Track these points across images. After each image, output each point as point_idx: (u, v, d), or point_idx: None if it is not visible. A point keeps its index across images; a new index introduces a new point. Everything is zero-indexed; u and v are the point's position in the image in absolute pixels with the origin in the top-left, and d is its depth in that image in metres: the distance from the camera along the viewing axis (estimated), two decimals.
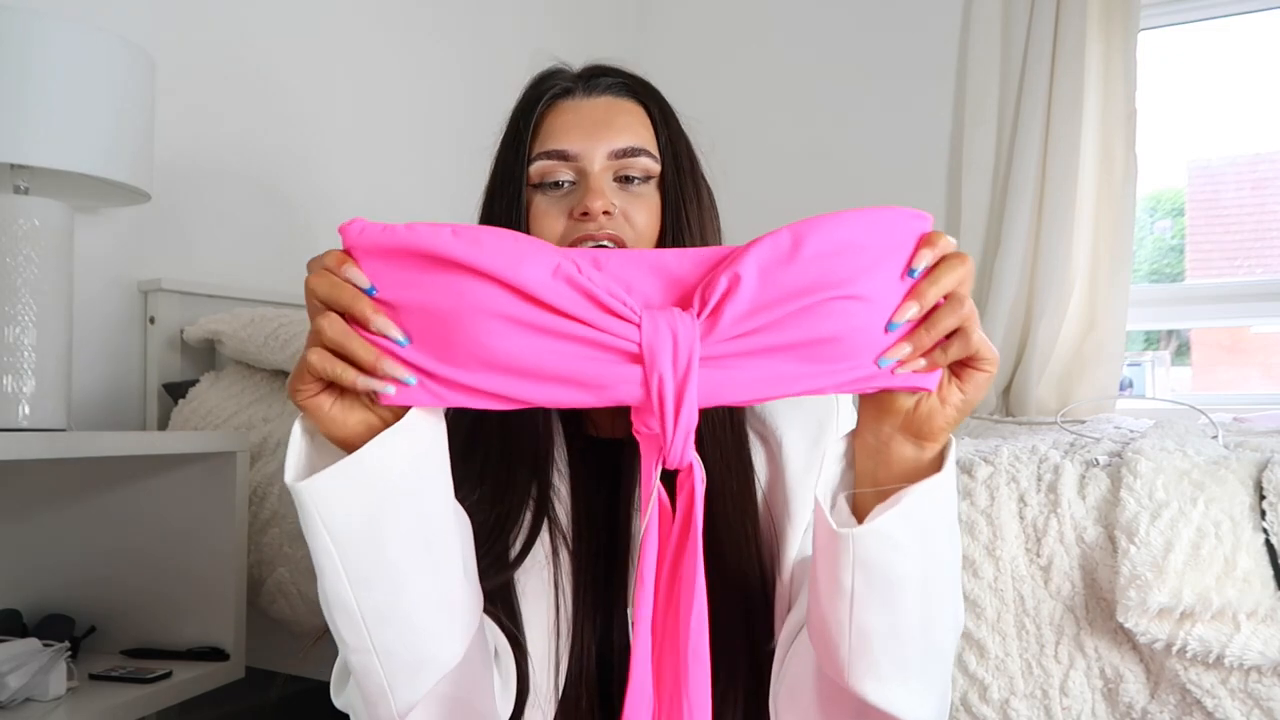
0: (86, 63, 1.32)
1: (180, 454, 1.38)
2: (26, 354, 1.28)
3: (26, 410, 1.28)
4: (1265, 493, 0.97)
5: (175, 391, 1.71)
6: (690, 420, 0.56)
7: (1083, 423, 1.70)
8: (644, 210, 0.82)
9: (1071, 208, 2.39)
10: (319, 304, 0.58)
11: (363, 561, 0.60)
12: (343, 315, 0.57)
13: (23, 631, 1.36)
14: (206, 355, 1.80)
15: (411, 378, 0.57)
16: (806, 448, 0.83)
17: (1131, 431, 1.38)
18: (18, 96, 1.26)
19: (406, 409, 0.59)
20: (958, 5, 2.69)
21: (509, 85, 0.91)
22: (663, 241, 0.83)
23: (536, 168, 0.82)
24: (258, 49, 1.97)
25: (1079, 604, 1.02)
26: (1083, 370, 2.41)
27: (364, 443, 0.58)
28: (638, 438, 0.58)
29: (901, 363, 0.59)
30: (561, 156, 0.82)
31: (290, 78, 2.04)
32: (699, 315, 0.57)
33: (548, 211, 0.81)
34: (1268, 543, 0.94)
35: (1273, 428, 1.50)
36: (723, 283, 0.57)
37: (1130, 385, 2.67)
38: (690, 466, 0.58)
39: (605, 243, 0.79)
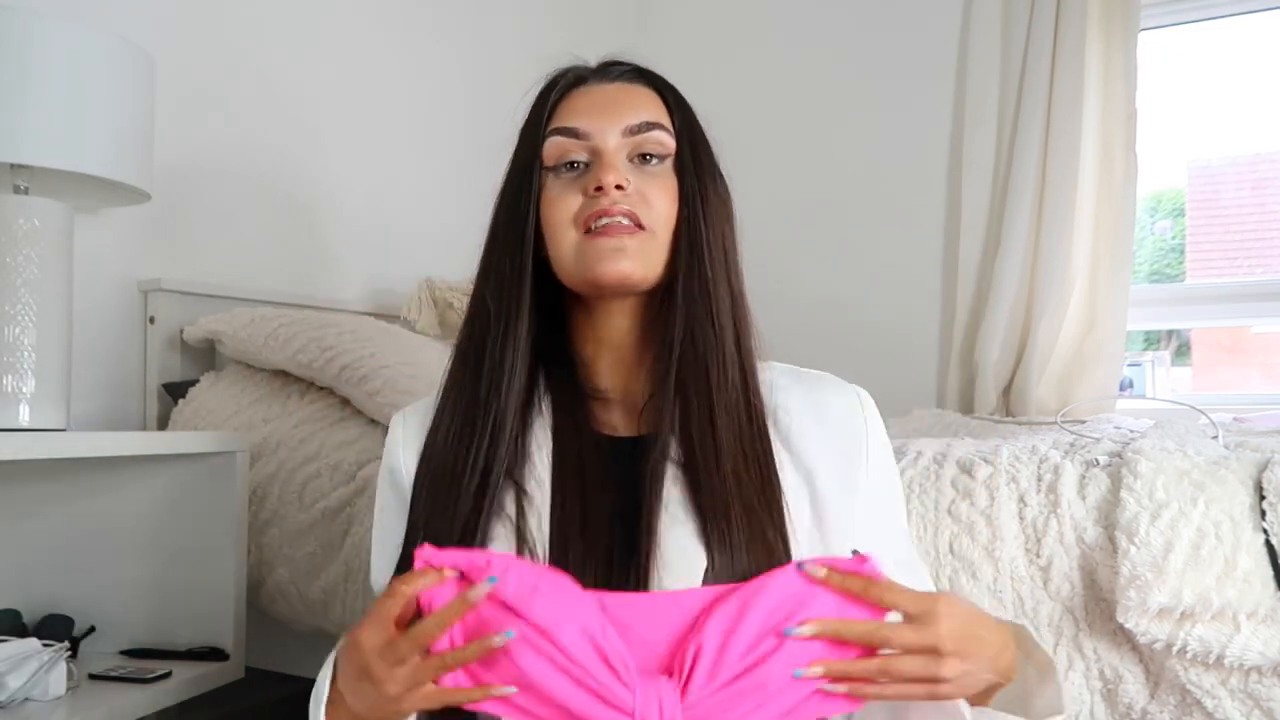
0: (86, 63, 1.32)
1: (180, 454, 1.38)
2: (26, 354, 1.28)
3: (26, 410, 1.28)
4: (1265, 493, 0.96)
5: (175, 391, 1.71)
6: None
7: (1083, 423, 1.70)
8: (661, 192, 0.81)
9: (1071, 208, 2.39)
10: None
11: None
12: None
13: (22, 631, 1.36)
14: (206, 355, 1.80)
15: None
16: (840, 473, 0.80)
17: (1131, 432, 1.38)
18: (18, 96, 1.26)
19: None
20: (958, 5, 2.69)
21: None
22: (680, 231, 0.81)
23: (550, 145, 0.81)
24: (258, 49, 1.97)
25: (1078, 605, 1.02)
26: (1083, 370, 2.41)
27: None
28: None
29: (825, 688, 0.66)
30: (574, 134, 0.81)
31: (290, 77, 2.04)
32: (680, 680, 0.65)
33: (561, 194, 0.81)
34: (1268, 543, 0.94)
35: (1273, 428, 1.50)
36: (690, 650, 0.66)
37: (1130, 385, 2.67)
38: None
39: (620, 218, 0.78)
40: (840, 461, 0.81)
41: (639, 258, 0.79)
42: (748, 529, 0.74)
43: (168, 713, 1.33)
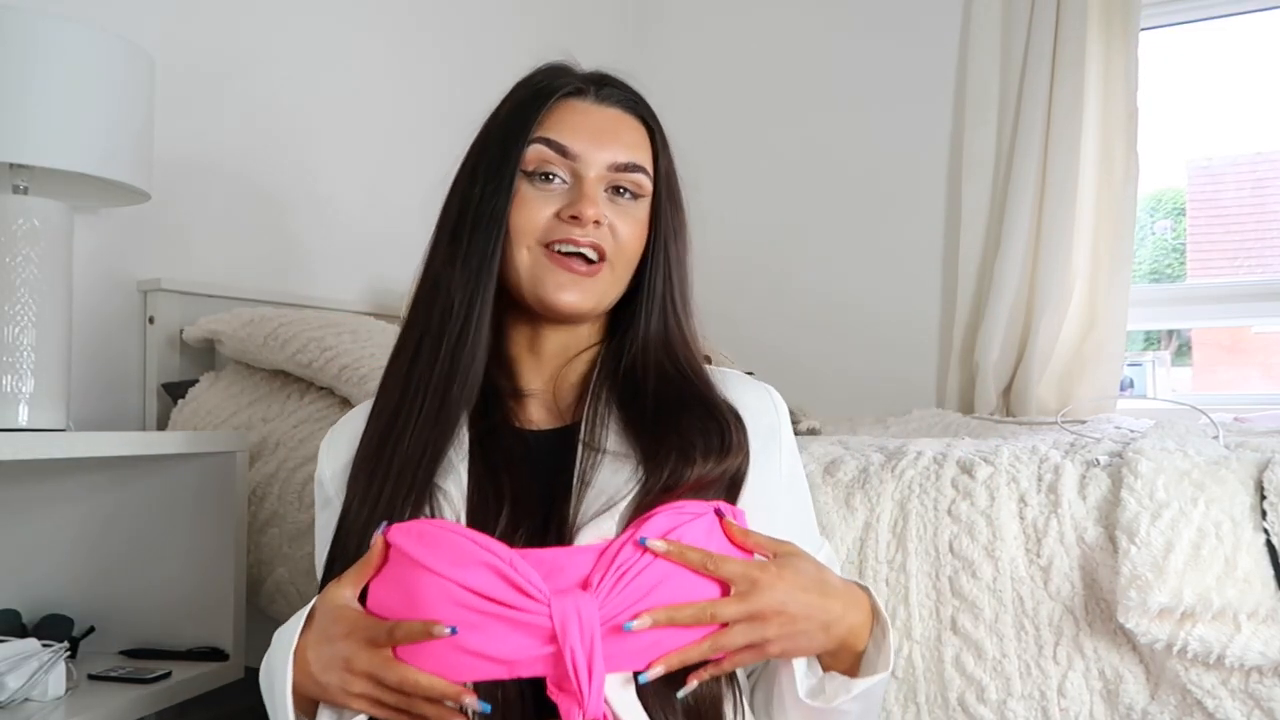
0: (86, 63, 1.32)
1: (180, 454, 1.38)
2: (26, 354, 1.28)
3: (26, 410, 1.28)
4: (1266, 493, 0.96)
5: (175, 391, 1.71)
6: (601, 680, 0.68)
7: (1083, 423, 1.70)
8: (630, 226, 0.84)
9: (1071, 208, 2.39)
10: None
11: None
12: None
13: (22, 631, 1.36)
14: (206, 355, 1.80)
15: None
16: (759, 458, 0.85)
17: (1132, 431, 1.37)
18: (18, 96, 1.26)
19: None
20: (958, 6, 2.69)
21: (509, 86, 0.91)
22: (649, 265, 0.85)
23: (534, 152, 0.82)
24: (258, 49, 1.97)
25: (1079, 605, 1.02)
26: (1083, 370, 2.41)
27: None
28: (553, 698, 0.70)
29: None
30: (562, 152, 0.82)
31: (290, 78, 2.04)
32: (599, 587, 0.70)
33: (534, 202, 0.82)
34: (1268, 543, 0.94)
35: (1273, 428, 1.50)
36: (611, 564, 0.71)
37: (1131, 385, 2.66)
38: (604, 715, 0.70)
39: (585, 250, 0.81)
40: (757, 445, 0.85)
41: (593, 292, 0.83)
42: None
43: (168, 713, 1.33)
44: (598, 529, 0.75)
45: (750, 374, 0.97)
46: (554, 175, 0.82)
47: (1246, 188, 2.88)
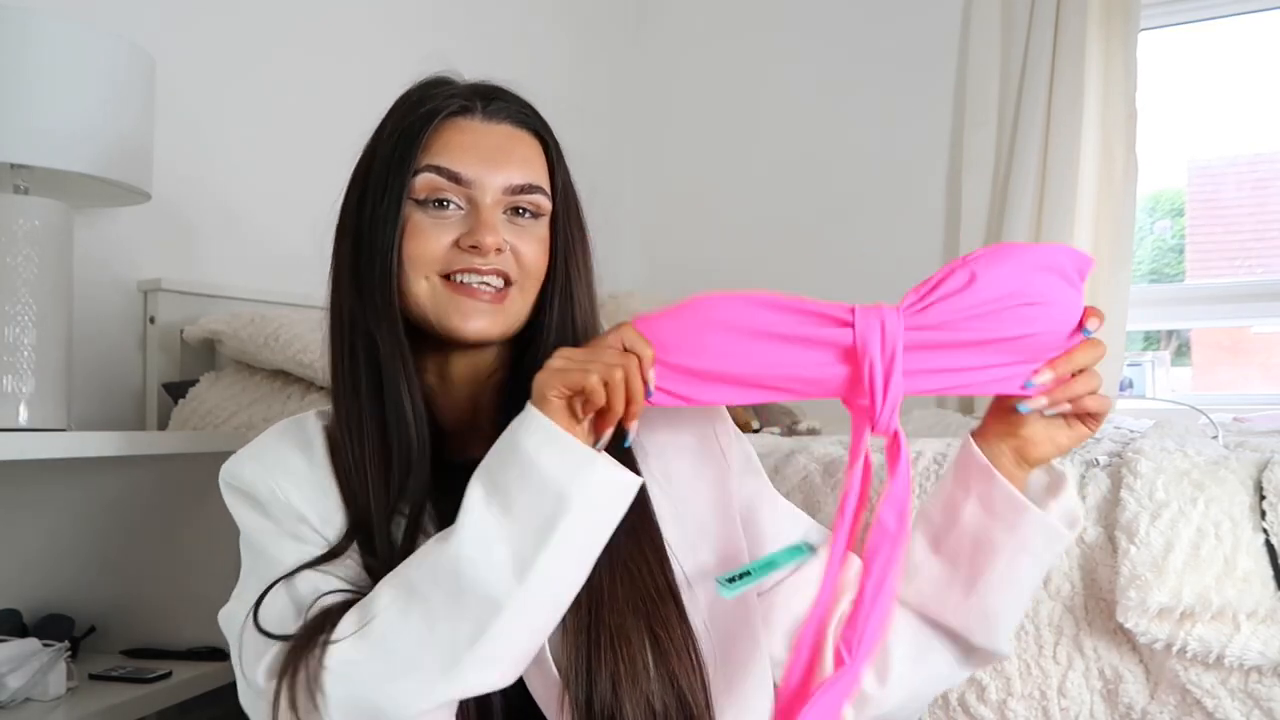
0: (86, 62, 1.32)
1: (180, 454, 1.38)
2: (26, 354, 1.28)
3: (26, 410, 1.28)
4: (1265, 493, 0.96)
5: (175, 391, 1.71)
6: (896, 397, 0.69)
7: None
8: (534, 246, 0.80)
9: (1071, 208, 2.39)
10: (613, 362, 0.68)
11: (589, 561, 0.70)
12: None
13: (23, 631, 1.36)
14: (206, 355, 1.80)
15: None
16: (693, 448, 0.85)
17: (1131, 431, 1.37)
18: (17, 96, 1.26)
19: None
20: (957, 5, 2.69)
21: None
22: (551, 283, 0.82)
23: (423, 180, 0.78)
24: (258, 49, 1.97)
25: (1078, 604, 1.02)
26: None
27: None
28: (849, 409, 0.71)
29: (1044, 392, 0.75)
30: (454, 178, 0.78)
31: (290, 77, 2.04)
32: (914, 305, 0.70)
33: (428, 231, 0.78)
34: (1268, 543, 0.94)
35: (1273, 428, 1.50)
36: (960, 279, 0.70)
37: (1130, 385, 2.66)
38: (896, 433, 0.71)
39: (489, 279, 0.77)
40: (692, 440, 0.85)
41: (501, 318, 0.79)
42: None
43: (168, 713, 1.33)
44: None
45: None
46: (448, 202, 0.78)
47: (1246, 188, 2.88)
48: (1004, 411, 0.79)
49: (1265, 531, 0.95)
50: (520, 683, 0.72)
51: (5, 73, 1.26)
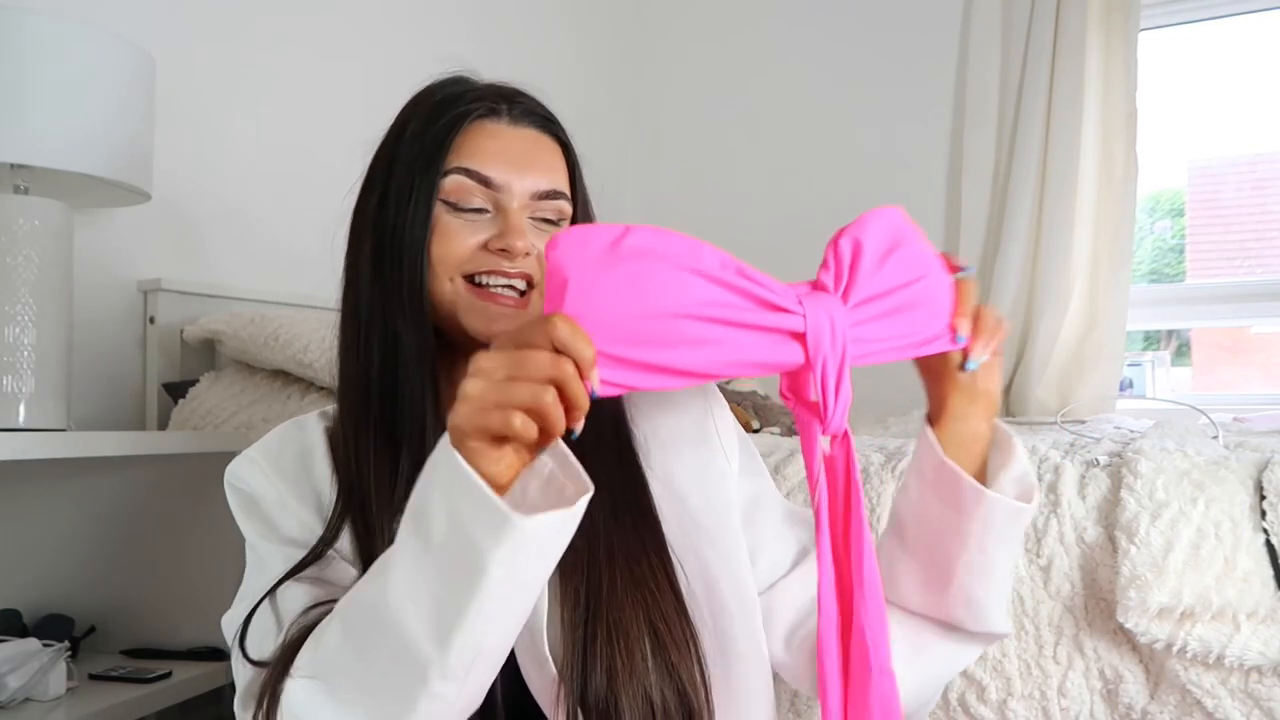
0: (86, 62, 1.32)
1: (180, 454, 1.38)
2: (26, 354, 1.28)
3: (26, 410, 1.28)
4: (1265, 493, 0.96)
5: (175, 391, 1.71)
6: (848, 395, 0.65)
7: (1083, 423, 1.70)
8: None
9: (1071, 208, 2.39)
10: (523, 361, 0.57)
11: (519, 606, 0.62)
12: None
13: (23, 631, 1.36)
14: (206, 355, 1.80)
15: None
16: (693, 444, 0.84)
17: (1131, 431, 1.37)
18: (17, 96, 1.26)
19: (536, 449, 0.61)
20: (957, 5, 2.69)
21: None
22: None
23: (452, 183, 0.78)
24: (258, 49, 1.97)
25: (1078, 604, 1.02)
26: (1083, 370, 2.41)
27: (507, 481, 0.59)
28: (789, 407, 0.67)
29: (970, 343, 0.72)
30: (484, 182, 0.78)
31: (290, 77, 2.04)
32: (837, 289, 0.66)
33: (458, 233, 0.78)
34: (1268, 543, 0.94)
35: (1273, 428, 1.50)
36: (847, 248, 0.66)
37: (1130, 385, 2.66)
38: (845, 433, 0.67)
39: (515, 281, 0.78)
40: (692, 434, 0.84)
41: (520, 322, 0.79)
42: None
43: (168, 713, 1.33)
44: None
45: None
46: (475, 205, 0.79)
47: (1246, 188, 2.88)
48: (943, 381, 0.76)
49: (1265, 531, 0.95)
50: (520, 676, 0.72)
51: (5, 73, 1.26)
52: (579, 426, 0.59)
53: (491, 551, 0.57)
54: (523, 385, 0.57)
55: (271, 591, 0.74)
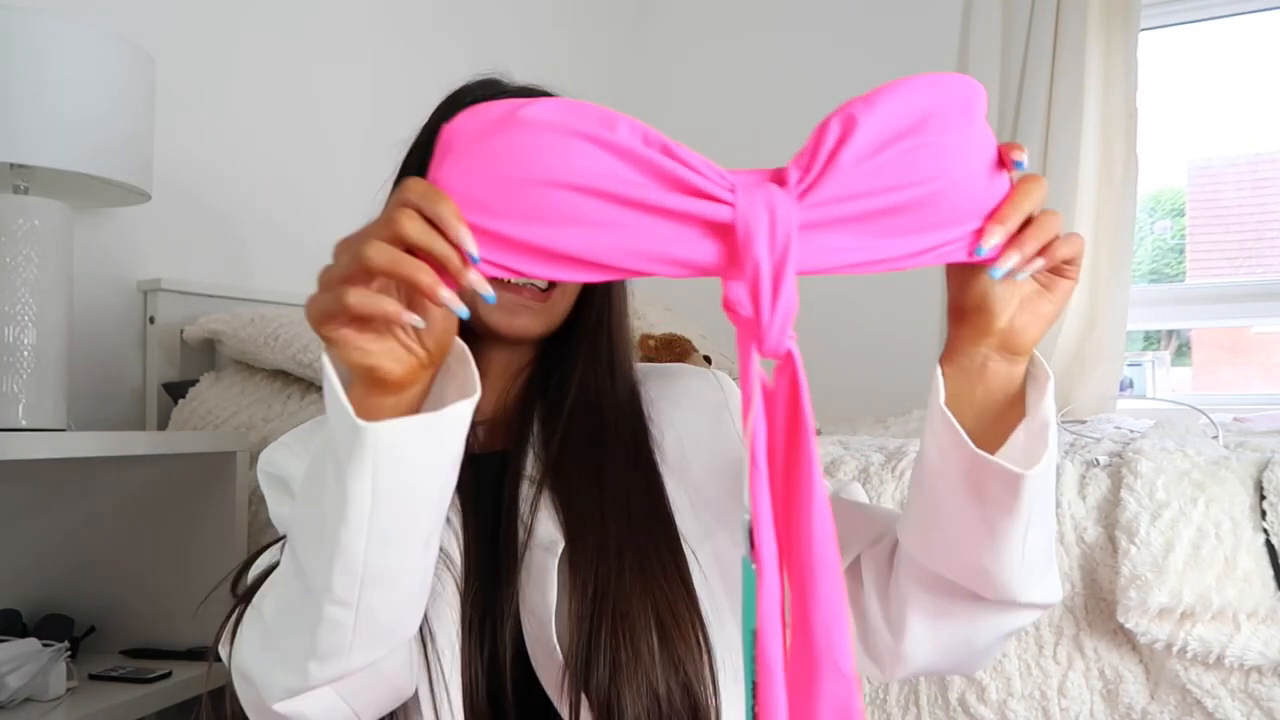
0: (86, 62, 1.32)
1: (180, 454, 1.38)
2: (26, 354, 1.28)
3: (26, 410, 1.28)
4: (1265, 493, 0.96)
5: (175, 391, 1.71)
6: (788, 306, 0.51)
7: (1083, 423, 1.70)
8: None
9: (1072, 208, 2.39)
10: (392, 231, 0.52)
11: (394, 522, 0.57)
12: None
13: (23, 631, 1.36)
14: (206, 355, 1.80)
15: (487, 291, 0.53)
16: (707, 440, 0.84)
17: (1132, 432, 1.37)
18: (17, 96, 1.26)
19: (435, 343, 0.56)
20: (957, 5, 2.69)
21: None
22: (588, 291, 0.84)
23: None
24: (258, 49, 1.97)
25: (1079, 604, 1.02)
26: (1083, 370, 2.41)
27: (396, 378, 0.55)
28: (731, 320, 0.53)
29: (999, 254, 0.58)
30: None
31: (290, 77, 2.04)
32: (802, 180, 0.53)
33: None
34: (1268, 543, 0.94)
35: (1273, 428, 1.50)
36: (834, 131, 0.53)
37: (1130, 385, 2.67)
38: (789, 354, 0.52)
39: (538, 282, 0.78)
40: (706, 424, 0.84)
41: (545, 317, 0.81)
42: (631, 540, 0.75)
43: (168, 713, 1.33)
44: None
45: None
46: None
47: (1246, 188, 2.88)
48: (967, 311, 0.66)
49: (1265, 531, 0.95)
50: (529, 664, 0.73)
51: (5, 73, 1.26)
52: (461, 305, 0.53)
53: (345, 465, 0.54)
54: (373, 246, 0.51)
55: (278, 542, 0.76)
